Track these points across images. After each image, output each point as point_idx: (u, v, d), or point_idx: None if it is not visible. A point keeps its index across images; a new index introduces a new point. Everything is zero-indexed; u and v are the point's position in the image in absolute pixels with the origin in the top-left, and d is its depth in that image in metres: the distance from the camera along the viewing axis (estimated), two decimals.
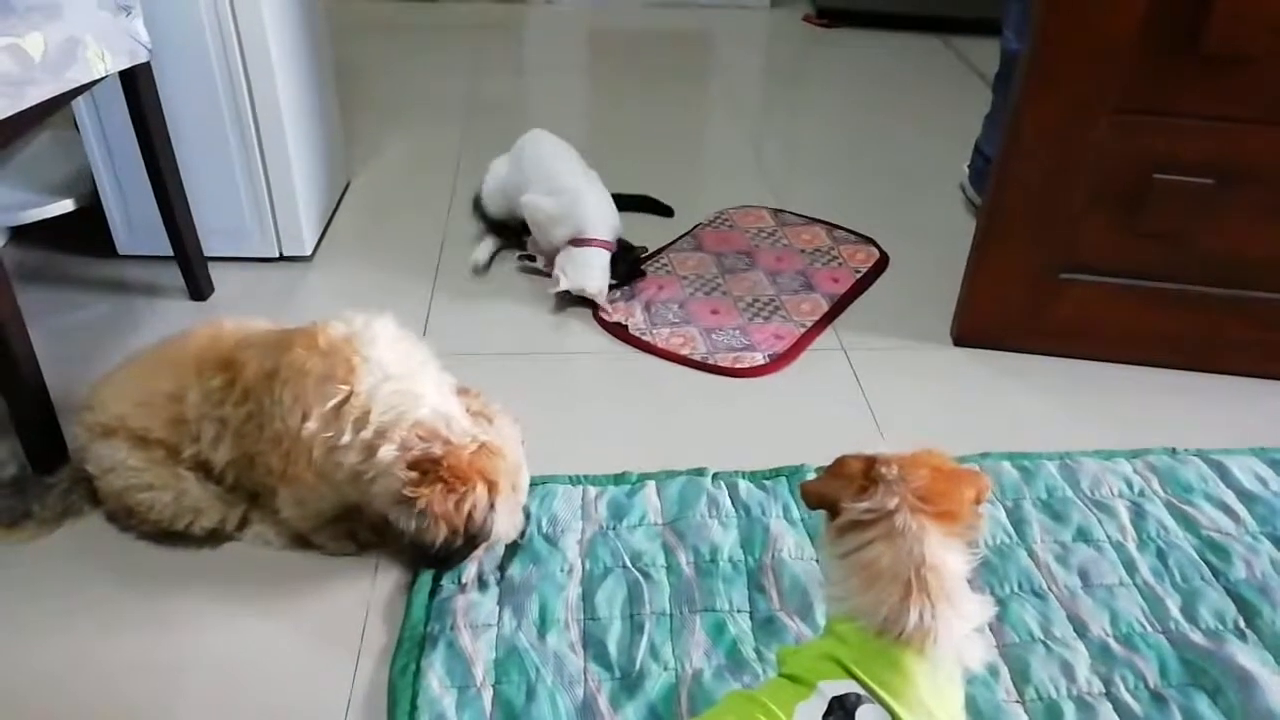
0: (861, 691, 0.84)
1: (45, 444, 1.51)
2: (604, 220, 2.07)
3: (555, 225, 2.06)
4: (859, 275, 2.16)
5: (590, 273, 1.99)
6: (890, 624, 0.86)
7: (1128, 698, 1.22)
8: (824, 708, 0.83)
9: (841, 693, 0.83)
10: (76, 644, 1.29)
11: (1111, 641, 1.30)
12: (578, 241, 2.02)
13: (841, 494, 0.93)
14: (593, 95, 3.31)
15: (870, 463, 0.93)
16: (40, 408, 1.50)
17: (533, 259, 2.15)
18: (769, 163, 2.78)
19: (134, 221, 2.07)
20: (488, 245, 2.19)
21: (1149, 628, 1.32)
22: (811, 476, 1.53)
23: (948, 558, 0.88)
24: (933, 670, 0.86)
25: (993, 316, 1.91)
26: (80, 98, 1.80)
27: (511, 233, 2.22)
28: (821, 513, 0.97)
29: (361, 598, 1.36)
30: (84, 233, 2.14)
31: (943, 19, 3.71)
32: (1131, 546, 1.45)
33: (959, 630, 0.87)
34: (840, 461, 0.96)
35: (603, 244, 2.03)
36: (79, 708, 1.22)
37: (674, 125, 3.00)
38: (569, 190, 2.08)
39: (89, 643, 1.29)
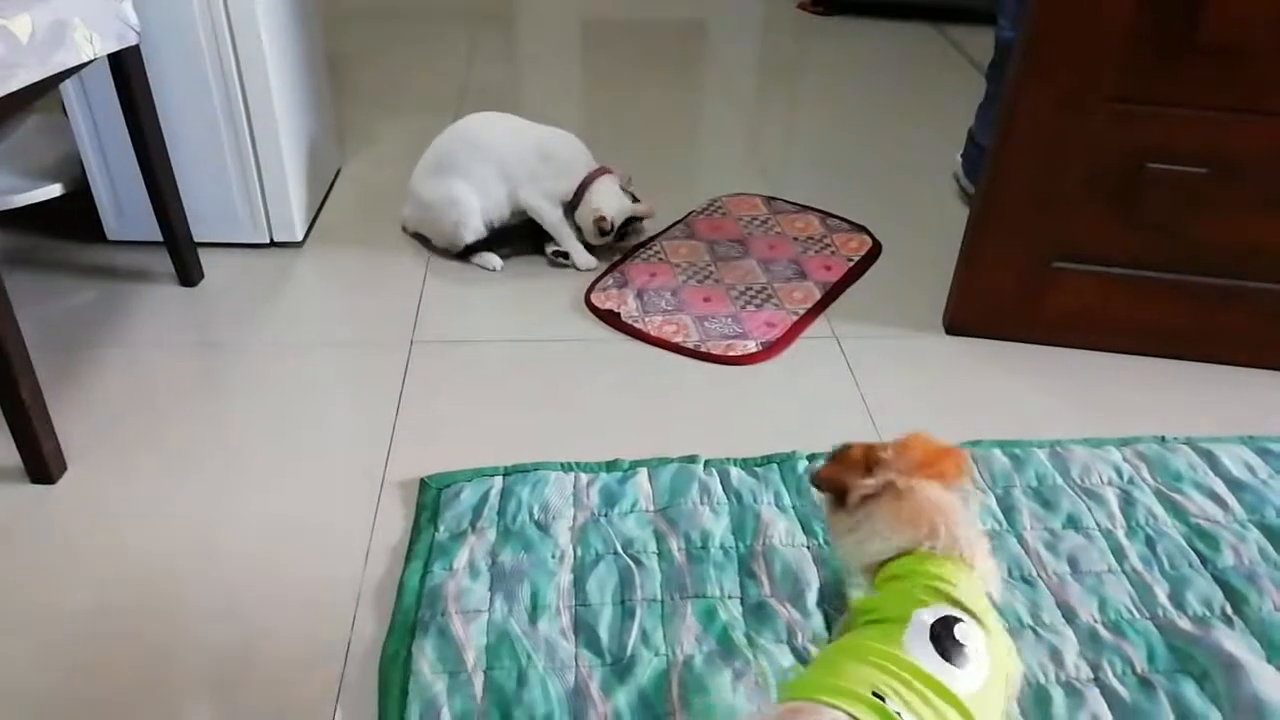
0: (953, 611, 0.92)
1: (39, 444, 1.50)
2: (579, 156, 2.14)
3: (559, 182, 2.12)
4: (852, 263, 2.16)
5: (608, 200, 2.09)
6: (939, 542, 0.99)
7: (1115, 683, 1.23)
8: (927, 634, 0.90)
9: (939, 616, 0.91)
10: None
11: (1100, 628, 1.30)
12: (582, 188, 2.09)
13: (848, 477, 1.07)
14: (586, 83, 3.30)
15: (870, 448, 1.09)
16: (34, 405, 1.49)
17: (564, 255, 2.13)
18: (762, 150, 2.78)
19: (123, 207, 2.06)
20: (498, 256, 2.16)
21: (1137, 614, 1.33)
22: (804, 465, 1.55)
23: (954, 500, 1.02)
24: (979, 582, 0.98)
25: (985, 305, 1.91)
26: (68, 81, 1.79)
27: (514, 236, 2.18)
28: (823, 499, 1.09)
29: (352, 583, 1.36)
30: (72, 218, 2.13)
31: (937, 7, 3.71)
32: (1120, 534, 1.45)
33: (984, 551, 1.01)
34: (844, 450, 1.11)
35: (593, 176, 2.11)
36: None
37: (668, 112, 2.99)
38: (546, 154, 2.11)
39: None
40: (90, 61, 1.58)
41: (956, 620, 0.91)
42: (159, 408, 1.70)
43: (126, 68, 1.74)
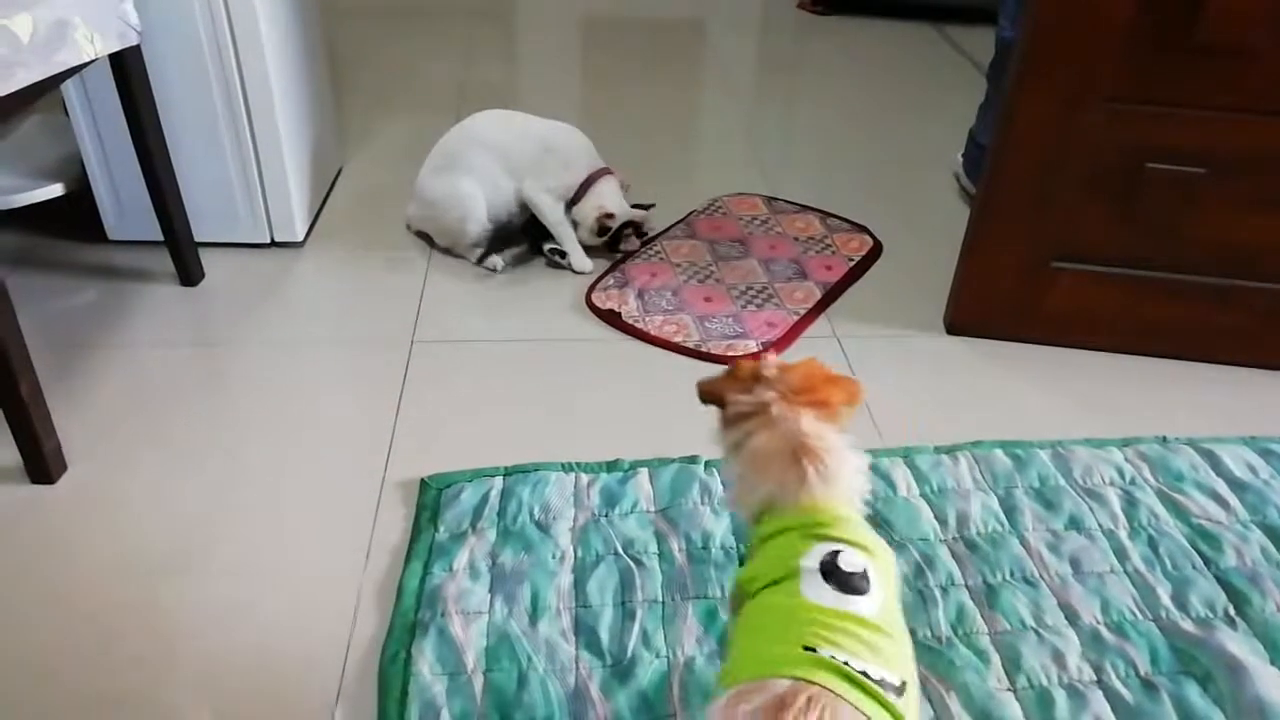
0: (831, 545, 0.92)
1: (39, 443, 1.50)
2: (583, 150, 2.15)
3: (562, 175, 2.12)
4: (852, 263, 2.16)
5: (612, 198, 2.10)
6: (796, 491, 0.96)
7: (1119, 685, 1.23)
8: (819, 575, 0.89)
9: (822, 555, 0.90)
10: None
11: (1103, 629, 1.30)
12: (584, 186, 2.10)
13: (728, 390, 1.05)
14: (585, 82, 3.30)
15: (757, 367, 1.05)
16: (34, 405, 1.48)
17: (562, 254, 2.13)
18: (763, 150, 2.78)
19: (124, 206, 2.06)
20: (501, 257, 2.15)
21: (1140, 615, 1.32)
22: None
23: (822, 429, 0.99)
24: (850, 507, 0.98)
25: (986, 304, 1.91)
26: (70, 81, 1.79)
27: (520, 234, 2.18)
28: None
29: (352, 584, 1.36)
30: (73, 217, 2.13)
31: (937, 7, 3.71)
32: (1123, 535, 1.45)
33: (851, 468, 0.99)
34: (735, 364, 1.08)
35: (596, 175, 2.12)
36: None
37: (668, 112, 2.99)
38: (550, 146, 2.12)
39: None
40: (91, 61, 1.58)
41: (837, 552, 0.91)
42: (159, 407, 1.70)
43: (127, 67, 1.74)
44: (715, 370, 1.80)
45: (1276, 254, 1.75)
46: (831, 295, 2.05)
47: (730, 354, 1.85)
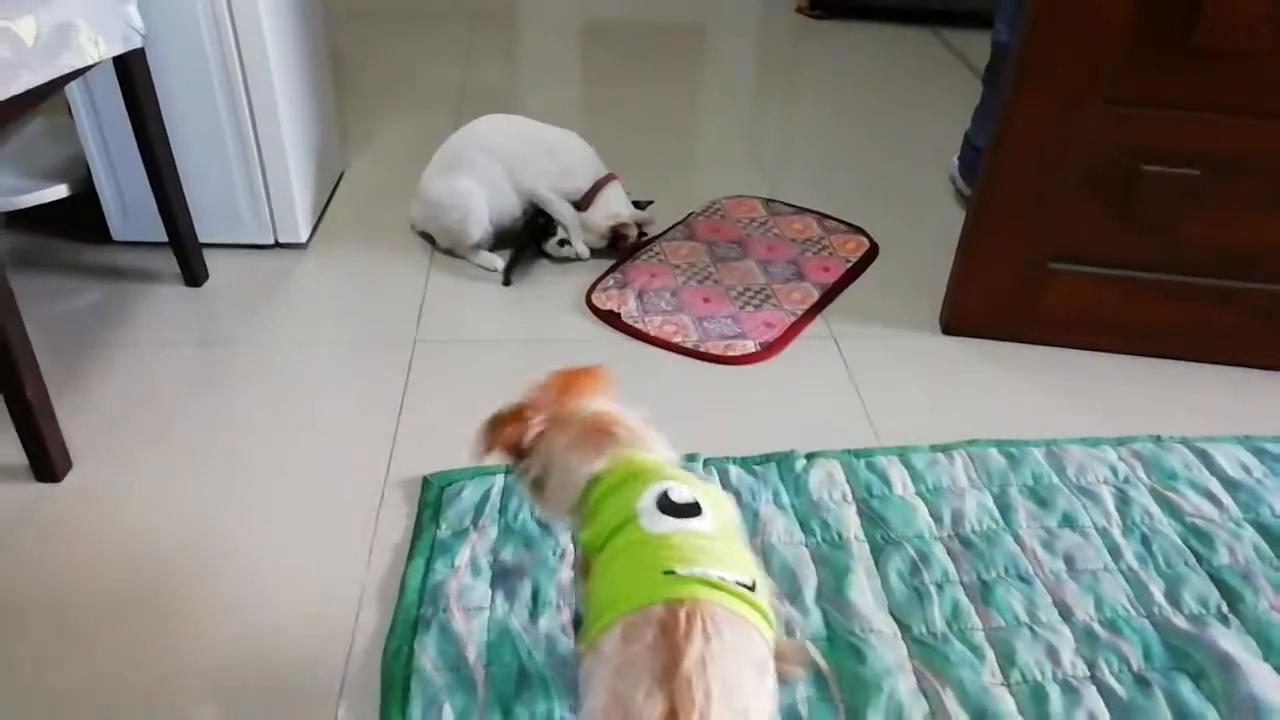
0: (660, 484, 0.99)
1: (44, 442, 1.51)
2: (588, 159, 2.18)
3: (566, 180, 2.15)
4: (849, 264, 2.17)
5: (623, 207, 2.15)
6: (611, 453, 1.05)
7: (1112, 681, 1.24)
8: (656, 509, 0.96)
9: (655, 495, 0.97)
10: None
11: (1096, 625, 1.32)
12: (591, 193, 2.14)
13: (512, 431, 1.12)
14: (586, 84, 3.31)
15: (513, 406, 1.14)
16: (39, 404, 1.50)
17: (564, 243, 2.14)
18: (761, 152, 2.79)
19: (128, 208, 2.07)
20: (498, 258, 2.16)
21: (1133, 612, 1.34)
22: (802, 464, 1.56)
23: (602, 402, 1.09)
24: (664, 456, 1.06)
25: (982, 306, 1.92)
26: (74, 83, 1.80)
27: (529, 244, 2.17)
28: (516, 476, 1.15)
29: (355, 581, 1.37)
30: (78, 219, 2.14)
31: (934, 11, 3.72)
32: (1116, 532, 1.47)
33: (654, 438, 1.08)
34: (494, 419, 1.14)
35: (604, 181, 2.15)
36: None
37: (667, 114, 3.00)
38: (553, 153, 2.14)
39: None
40: (95, 64, 1.59)
41: (667, 489, 0.98)
42: (163, 407, 1.71)
43: (131, 70, 1.75)
44: (711, 370, 1.84)
45: (1273, 255, 1.77)
46: (829, 296, 2.06)
47: (729, 354, 1.87)
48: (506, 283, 2.08)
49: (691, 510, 0.97)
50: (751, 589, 0.90)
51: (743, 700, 0.82)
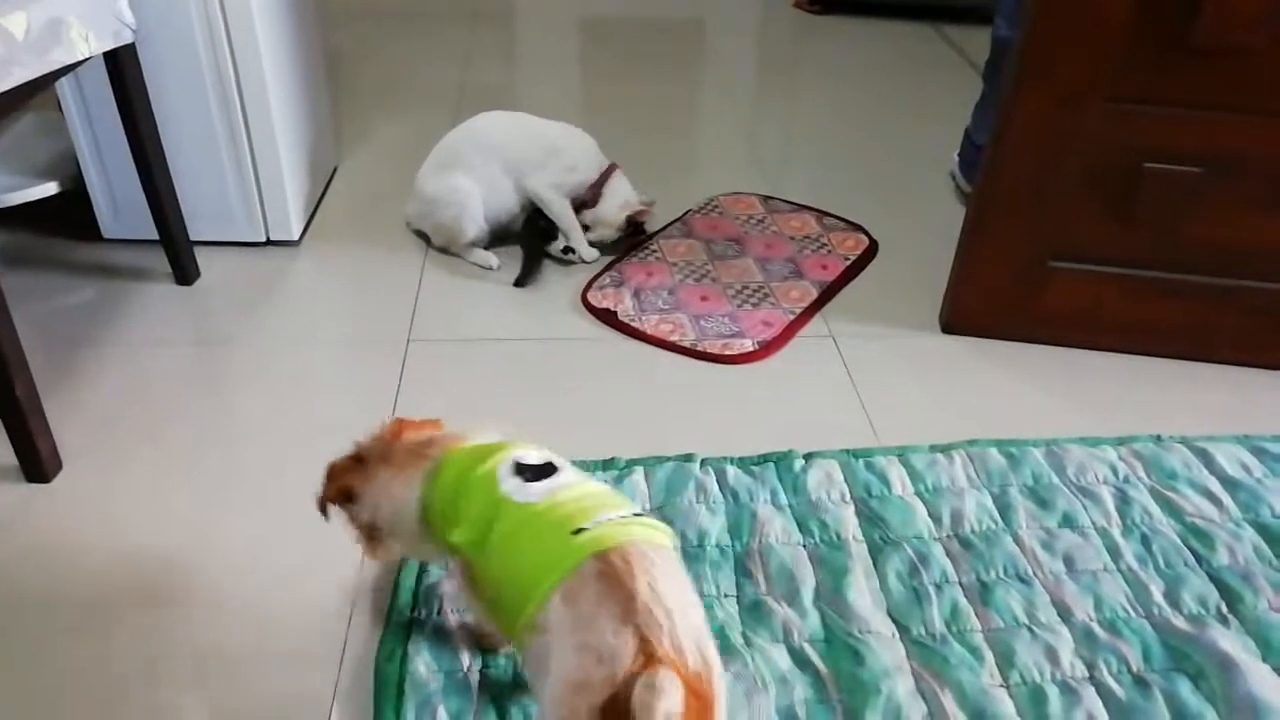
0: (506, 457, 1.04)
1: (34, 443, 1.50)
2: (589, 151, 2.17)
3: (567, 175, 2.13)
4: (848, 262, 2.16)
5: (630, 194, 2.15)
6: (423, 462, 1.10)
7: (1111, 682, 1.23)
8: (521, 483, 1.01)
9: (509, 470, 1.02)
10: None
11: (1095, 626, 1.31)
12: (597, 186, 2.14)
13: (348, 479, 1.16)
14: (583, 81, 3.30)
15: (347, 455, 1.18)
16: (29, 404, 1.48)
17: (571, 249, 2.13)
18: (759, 149, 2.78)
19: (119, 205, 2.06)
20: (492, 255, 2.15)
21: (1133, 613, 1.33)
22: (800, 464, 1.55)
23: (430, 430, 1.15)
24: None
25: (981, 304, 1.91)
26: (64, 79, 1.78)
27: (535, 242, 2.15)
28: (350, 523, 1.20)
29: (349, 583, 1.36)
30: (68, 216, 2.13)
31: (934, 6, 3.71)
32: (1116, 532, 1.46)
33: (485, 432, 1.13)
34: (330, 469, 1.19)
35: (608, 173, 2.16)
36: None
37: (665, 111, 2.99)
38: (554, 148, 2.13)
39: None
40: (86, 59, 1.58)
41: (515, 460, 1.02)
42: (155, 406, 1.70)
43: (122, 66, 1.74)
44: (709, 369, 1.83)
45: (1273, 254, 1.76)
46: (827, 294, 2.05)
47: (726, 353, 1.85)
48: (520, 284, 2.06)
49: (549, 469, 1.02)
50: (640, 514, 0.98)
51: (694, 615, 0.90)
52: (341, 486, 1.16)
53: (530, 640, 0.92)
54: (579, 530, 0.93)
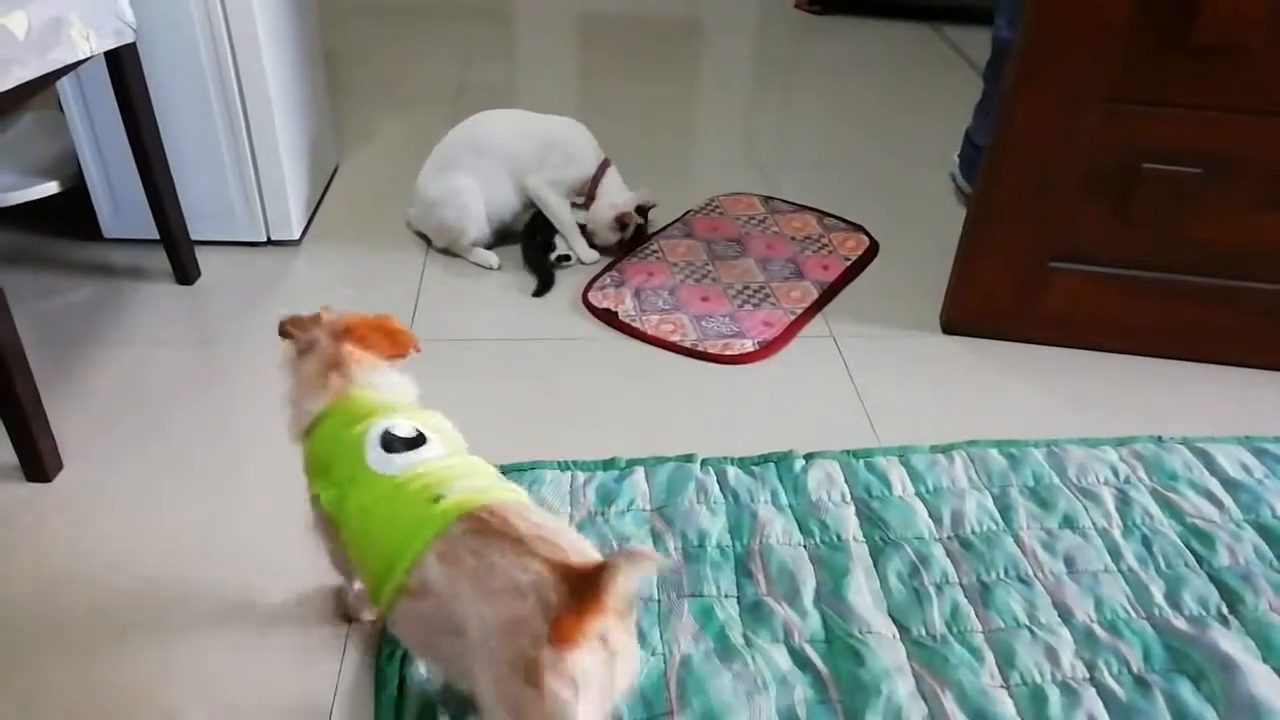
0: (380, 424, 1.07)
1: (35, 442, 1.50)
2: (586, 143, 2.16)
3: (567, 169, 2.13)
4: (849, 263, 2.16)
5: (621, 194, 2.13)
6: (334, 394, 1.13)
7: (1111, 683, 1.23)
8: (382, 448, 1.04)
9: (379, 439, 1.05)
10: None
11: (1096, 627, 1.31)
12: (593, 184, 2.13)
13: (294, 329, 1.22)
14: (583, 80, 3.30)
15: (323, 315, 1.22)
16: (30, 404, 1.48)
17: (567, 258, 2.13)
18: (760, 150, 2.78)
19: (119, 204, 2.05)
20: (493, 255, 2.15)
21: (1133, 614, 1.33)
22: (800, 464, 1.55)
23: (358, 353, 1.15)
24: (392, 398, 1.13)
25: (982, 304, 1.91)
26: (65, 78, 1.78)
27: (533, 252, 2.14)
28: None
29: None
30: (68, 215, 2.12)
31: (934, 7, 3.71)
32: (1117, 533, 1.46)
33: (392, 379, 1.16)
34: (292, 319, 1.24)
35: (601, 170, 2.14)
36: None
37: (665, 111, 2.99)
38: (552, 143, 2.12)
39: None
40: (87, 59, 1.58)
41: (388, 428, 1.05)
42: (155, 405, 1.69)
43: (123, 65, 1.74)
44: (709, 370, 1.83)
45: (1273, 255, 1.76)
46: (828, 295, 2.05)
47: (727, 353, 1.85)
48: (539, 294, 2.05)
49: (417, 442, 1.04)
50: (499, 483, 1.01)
51: (579, 539, 0.93)
52: (287, 331, 1.23)
53: (403, 603, 0.95)
54: (439, 498, 0.96)
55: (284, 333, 1.23)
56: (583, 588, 0.83)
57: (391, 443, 1.04)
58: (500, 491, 0.99)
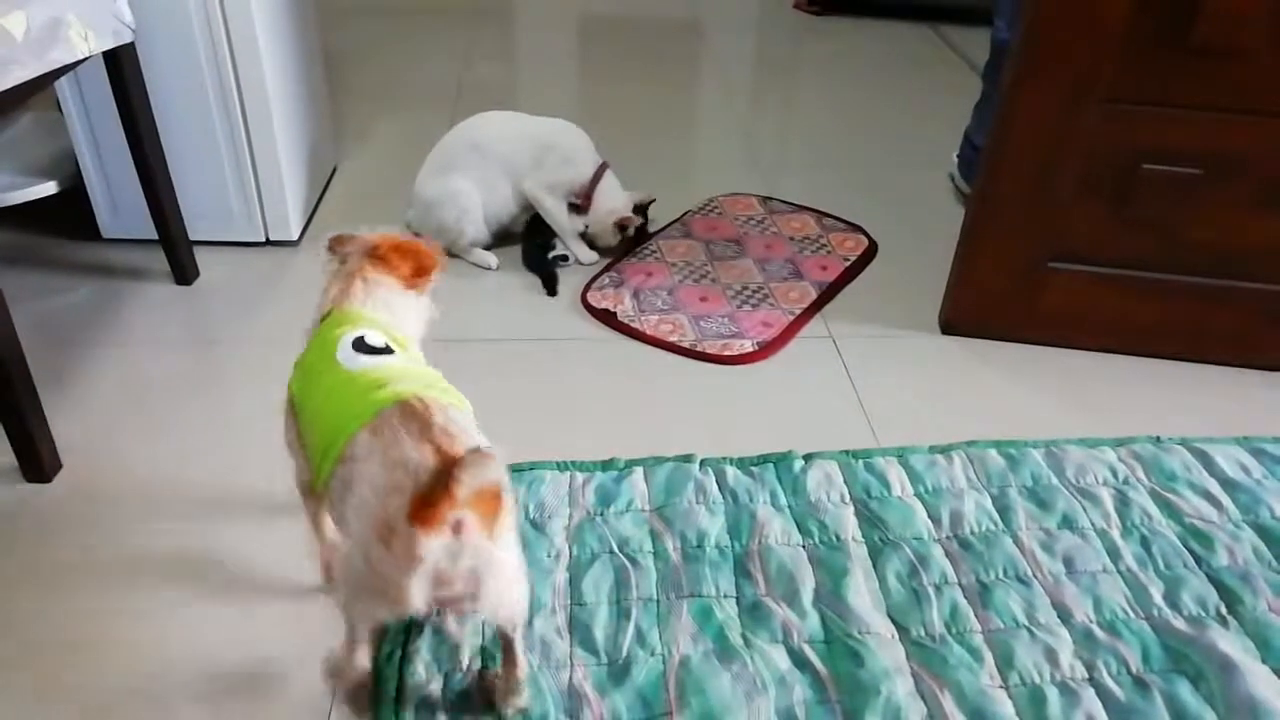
0: (358, 331, 1.17)
1: (34, 442, 1.50)
2: (583, 146, 2.16)
3: (564, 171, 2.12)
4: (848, 263, 2.16)
5: (618, 198, 2.14)
6: (340, 298, 1.24)
7: (1110, 683, 1.23)
8: (352, 349, 1.15)
9: (352, 339, 1.16)
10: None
11: (1095, 627, 1.31)
12: (590, 187, 2.12)
13: (339, 246, 1.30)
14: (582, 80, 3.30)
15: (369, 238, 1.30)
16: (29, 404, 1.48)
17: (565, 257, 2.13)
18: (759, 150, 2.78)
19: (118, 204, 2.05)
20: (492, 255, 2.15)
21: (1132, 614, 1.33)
22: (800, 464, 1.55)
23: (379, 275, 1.25)
24: (384, 314, 1.24)
25: (981, 305, 1.91)
26: (63, 78, 1.78)
27: (534, 256, 2.15)
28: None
29: None
30: (67, 216, 2.12)
31: (933, 7, 3.71)
32: (1115, 534, 1.46)
33: (400, 303, 1.26)
34: (340, 236, 1.32)
35: (599, 175, 2.14)
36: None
37: (664, 112, 2.99)
38: (549, 145, 2.12)
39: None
40: (85, 59, 1.58)
41: (362, 336, 1.16)
42: (154, 406, 1.69)
43: (122, 65, 1.73)
44: (708, 370, 1.83)
45: (1272, 255, 1.76)
46: (827, 295, 2.05)
47: (726, 353, 1.85)
48: (552, 294, 2.05)
49: (383, 350, 1.16)
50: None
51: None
52: (334, 245, 1.31)
53: (336, 470, 1.06)
54: (383, 388, 1.07)
55: (330, 247, 1.33)
56: (441, 477, 0.94)
57: (361, 346, 1.15)
58: (441, 393, 1.09)
